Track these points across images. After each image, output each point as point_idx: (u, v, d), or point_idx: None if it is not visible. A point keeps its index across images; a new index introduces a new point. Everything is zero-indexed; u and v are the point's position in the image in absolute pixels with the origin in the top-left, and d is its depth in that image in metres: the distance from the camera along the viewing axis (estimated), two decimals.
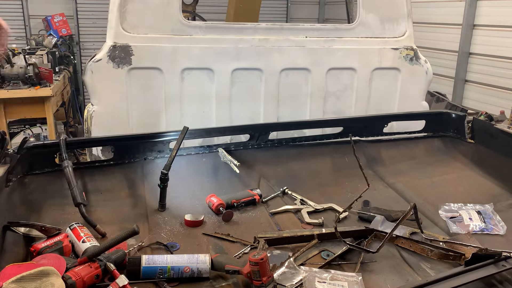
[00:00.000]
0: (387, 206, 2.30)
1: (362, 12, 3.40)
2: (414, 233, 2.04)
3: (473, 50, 6.55)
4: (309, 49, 3.32)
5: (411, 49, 3.48)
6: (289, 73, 3.33)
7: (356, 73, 3.44)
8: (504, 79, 6.04)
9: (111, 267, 1.60)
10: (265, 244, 1.87)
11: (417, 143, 3.01)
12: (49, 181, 2.26)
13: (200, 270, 1.67)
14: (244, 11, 4.47)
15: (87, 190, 2.29)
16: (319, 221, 2.15)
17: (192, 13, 6.17)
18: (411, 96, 3.52)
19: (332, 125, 2.94)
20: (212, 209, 2.21)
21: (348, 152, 2.51)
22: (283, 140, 2.80)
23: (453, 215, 2.21)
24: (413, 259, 1.86)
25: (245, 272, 1.62)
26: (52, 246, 1.73)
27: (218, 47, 3.14)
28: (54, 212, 2.11)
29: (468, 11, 6.41)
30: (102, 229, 1.97)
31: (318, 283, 1.63)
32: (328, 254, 1.88)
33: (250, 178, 2.56)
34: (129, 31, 2.95)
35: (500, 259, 1.64)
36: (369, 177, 2.11)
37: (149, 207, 2.24)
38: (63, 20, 8.37)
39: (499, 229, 2.10)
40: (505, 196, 2.42)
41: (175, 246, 1.92)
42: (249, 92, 3.29)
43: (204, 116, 3.20)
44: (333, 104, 3.47)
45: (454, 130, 2.98)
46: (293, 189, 2.44)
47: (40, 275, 1.42)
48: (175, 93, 3.11)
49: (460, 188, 2.53)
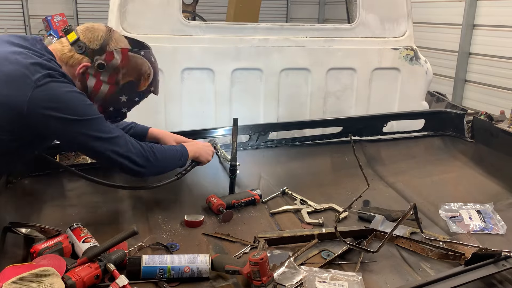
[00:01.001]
0: (387, 205, 2.30)
1: (362, 12, 3.40)
2: (414, 232, 2.04)
3: (473, 50, 6.56)
4: (309, 49, 3.32)
5: (411, 49, 3.48)
6: (289, 73, 3.33)
7: (356, 73, 3.44)
8: (504, 79, 6.05)
9: (111, 267, 1.60)
10: (265, 244, 1.87)
11: (417, 142, 3.00)
12: (49, 182, 2.26)
13: (200, 270, 1.68)
14: (244, 11, 4.47)
15: (87, 191, 2.29)
16: (319, 221, 2.15)
17: (192, 13, 6.18)
18: (411, 96, 3.52)
19: (331, 125, 2.93)
20: (212, 209, 2.21)
21: (348, 152, 2.51)
22: (283, 140, 2.80)
23: (453, 214, 2.21)
24: (413, 259, 1.86)
25: (245, 272, 1.62)
26: (52, 247, 1.72)
27: (218, 47, 3.14)
28: (54, 213, 2.11)
29: (468, 11, 6.42)
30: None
31: (318, 282, 1.63)
32: (328, 254, 1.88)
33: (250, 178, 2.56)
34: (129, 31, 2.95)
35: (500, 259, 1.64)
36: (369, 176, 2.11)
37: (149, 207, 2.24)
38: (63, 20, 8.39)
39: (499, 228, 2.10)
40: (505, 196, 2.42)
41: (175, 246, 1.92)
42: (249, 92, 3.29)
43: (204, 116, 3.21)
44: (333, 104, 3.47)
45: (454, 129, 2.98)
46: (293, 189, 2.44)
47: (40, 275, 1.42)
48: (175, 93, 3.11)
49: (460, 187, 2.53)
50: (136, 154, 1.87)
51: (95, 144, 1.77)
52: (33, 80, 1.61)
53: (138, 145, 1.89)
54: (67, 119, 1.67)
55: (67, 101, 1.68)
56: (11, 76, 1.61)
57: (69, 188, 2.28)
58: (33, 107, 1.61)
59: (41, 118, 1.64)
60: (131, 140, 1.88)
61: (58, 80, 1.68)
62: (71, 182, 2.30)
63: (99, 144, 1.77)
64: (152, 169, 1.97)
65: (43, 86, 1.62)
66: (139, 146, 1.90)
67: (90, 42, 1.82)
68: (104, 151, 1.79)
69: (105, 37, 1.84)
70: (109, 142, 1.79)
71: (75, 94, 1.72)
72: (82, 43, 1.81)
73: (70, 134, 1.74)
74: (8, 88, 1.60)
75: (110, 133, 1.80)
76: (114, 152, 1.81)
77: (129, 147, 1.85)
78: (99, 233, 1.95)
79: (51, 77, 1.65)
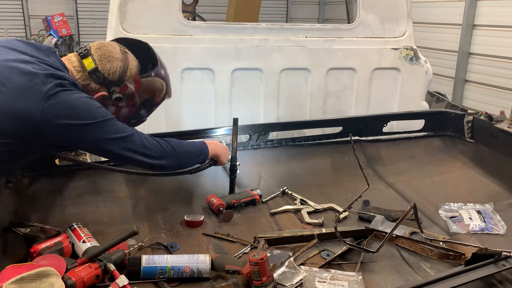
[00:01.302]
0: (387, 205, 2.30)
1: (362, 12, 3.40)
2: (414, 233, 2.04)
3: (473, 50, 6.55)
4: (309, 49, 3.32)
5: (411, 49, 3.48)
6: (289, 73, 3.33)
7: (356, 73, 3.44)
8: (504, 79, 6.04)
9: (111, 267, 1.60)
10: (265, 244, 1.87)
11: (417, 143, 3.00)
12: (49, 182, 2.26)
13: (200, 270, 1.68)
14: (244, 11, 4.47)
15: (87, 191, 2.29)
16: (319, 221, 2.15)
17: (192, 13, 6.17)
18: (411, 96, 3.52)
19: (331, 125, 2.93)
20: (212, 209, 2.21)
21: (348, 152, 2.51)
22: (283, 140, 2.80)
23: (453, 214, 2.21)
24: (413, 259, 1.86)
25: (245, 272, 1.62)
26: (52, 247, 1.73)
27: (218, 47, 3.14)
28: (54, 213, 2.11)
29: (468, 11, 6.41)
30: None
31: (318, 282, 1.63)
32: (328, 254, 1.88)
33: (250, 178, 2.56)
34: (129, 31, 2.95)
35: (500, 259, 1.64)
36: (369, 176, 2.11)
37: (149, 207, 2.24)
38: (63, 20, 8.38)
39: (499, 228, 2.10)
40: (505, 196, 2.41)
41: (175, 246, 1.92)
42: (249, 92, 3.29)
43: (204, 116, 3.20)
44: (333, 104, 3.47)
45: (454, 129, 2.98)
46: (293, 189, 2.44)
47: (40, 275, 1.42)
48: (175, 93, 3.09)
49: (460, 187, 2.53)
50: (152, 149, 1.89)
51: (110, 145, 1.79)
52: (45, 90, 1.62)
53: (153, 140, 1.92)
54: (80, 125, 1.69)
55: (77, 107, 1.69)
56: (23, 86, 1.62)
57: (69, 188, 2.28)
58: (46, 117, 1.62)
59: (54, 127, 1.65)
60: (146, 136, 1.91)
61: (68, 89, 1.69)
62: (71, 182, 2.30)
63: (114, 144, 1.79)
64: (171, 161, 1.98)
65: (54, 95, 1.64)
66: (154, 140, 1.92)
67: (108, 74, 1.86)
68: (120, 151, 1.81)
69: (122, 68, 1.88)
70: (124, 141, 1.81)
71: (84, 99, 1.74)
72: (100, 74, 1.84)
73: (84, 139, 1.76)
74: (20, 99, 1.61)
75: (124, 132, 1.82)
76: (130, 150, 1.83)
77: (144, 142, 1.87)
78: (99, 233, 1.96)
79: (61, 86, 1.67)
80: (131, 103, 1.96)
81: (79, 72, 1.84)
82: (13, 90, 1.61)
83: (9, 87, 1.61)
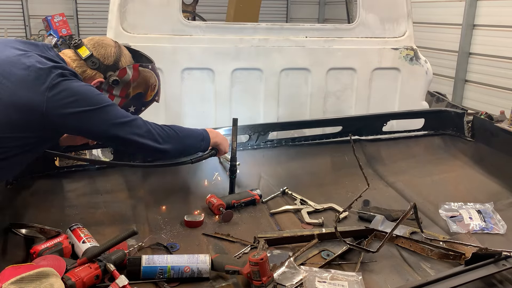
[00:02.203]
0: (387, 205, 2.30)
1: (362, 12, 3.40)
2: (414, 232, 2.04)
3: (473, 50, 6.55)
4: (309, 49, 3.32)
5: (411, 49, 3.48)
6: (289, 73, 3.33)
7: (356, 73, 3.44)
8: (504, 79, 6.04)
9: (111, 268, 1.60)
10: (265, 244, 1.87)
11: (417, 142, 3.00)
12: (49, 182, 2.26)
13: (200, 270, 1.68)
14: (244, 11, 4.47)
15: (87, 191, 2.29)
16: (319, 221, 2.15)
17: (192, 13, 6.17)
18: (411, 96, 3.52)
19: (331, 124, 2.93)
20: (212, 209, 2.21)
21: (348, 152, 2.51)
22: (283, 140, 2.80)
23: (453, 214, 2.21)
24: (413, 258, 1.86)
25: (245, 272, 1.62)
26: (52, 248, 1.73)
27: (218, 47, 3.14)
28: (54, 214, 2.11)
29: (468, 11, 6.41)
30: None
31: (318, 282, 1.63)
32: (328, 254, 1.88)
33: (250, 178, 2.56)
34: (129, 31, 2.95)
35: (500, 259, 1.64)
36: (369, 176, 2.11)
37: (149, 208, 2.24)
38: (63, 20, 8.38)
39: (499, 228, 2.10)
40: (506, 195, 2.41)
41: (175, 246, 1.92)
42: (249, 92, 3.29)
43: (204, 116, 3.20)
44: (333, 104, 3.47)
45: (454, 128, 2.98)
46: (293, 189, 2.44)
47: (40, 276, 1.42)
48: (175, 93, 3.11)
49: (460, 187, 2.53)
50: (156, 133, 1.92)
51: (118, 130, 1.82)
52: (48, 81, 1.67)
53: (156, 125, 1.95)
54: (85, 111, 1.73)
55: (80, 94, 1.73)
56: (26, 78, 1.66)
57: (69, 189, 2.28)
58: (52, 106, 1.67)
59: (61, 116, 1.69)
60: (148, 121, 1.93)
61: (69, 78, 1.73)
62: (71, 182, 2.30)
63: (119, 129, 1.82)
64: (176, 145, 2.00)
65: (57, 84, 1.68)
66: (157, 125, 1.95)
67: (104, 59, 1.92)
68: (125, 135, 1.83)
69: (117, 53, 1.95)
70: (130, 125, 1.84)
71: (86, 87, 1.79)
72: (95, 59, 1.91)
73: (91, 126, 1.78)
74: (25, 91, 1.65)
75: (127, 117, 1.85)
76: (135, 134, 1.85)
77: (148, 126, 1.90)
78: (99, 233, 1.95)
79: (63, 76, 1.71)
80: (124, 93, 1.99)
81: (75, 61, 1.90)
82: (16, 83, 1.65)
83: (12, 80, 1.65)
